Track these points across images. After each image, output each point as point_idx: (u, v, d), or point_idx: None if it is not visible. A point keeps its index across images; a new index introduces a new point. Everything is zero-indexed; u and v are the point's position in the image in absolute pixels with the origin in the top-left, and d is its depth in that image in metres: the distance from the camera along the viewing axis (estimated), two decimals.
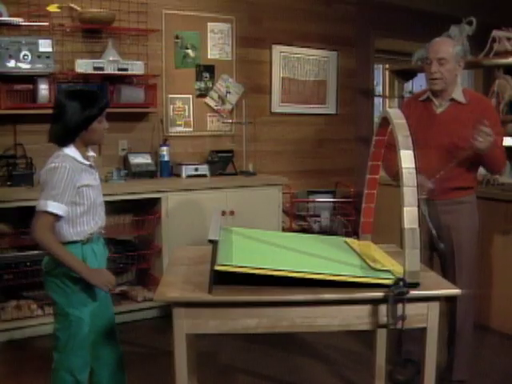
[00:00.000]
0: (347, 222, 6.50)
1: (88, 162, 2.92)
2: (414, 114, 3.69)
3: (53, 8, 4.91)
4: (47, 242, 2.72)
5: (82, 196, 2.82)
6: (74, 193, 2.78)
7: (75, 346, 2.91)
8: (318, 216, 6.48)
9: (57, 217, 2.75)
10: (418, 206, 2.38)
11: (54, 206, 2.71)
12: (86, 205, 2.85)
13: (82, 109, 2.78)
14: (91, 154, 3.02)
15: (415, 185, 2.37)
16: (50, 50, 4.74)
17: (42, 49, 4.70)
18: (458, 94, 3.61)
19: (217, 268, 2.30)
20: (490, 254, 4.75)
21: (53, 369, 2.97)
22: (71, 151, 2.84)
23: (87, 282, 2.81)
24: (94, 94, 2.89)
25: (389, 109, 2.79)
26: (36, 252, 4.73)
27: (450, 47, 3.55)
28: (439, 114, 3.64)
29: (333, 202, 6.64)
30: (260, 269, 2.34)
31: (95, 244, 2.95)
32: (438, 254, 3.76)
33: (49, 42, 4.74)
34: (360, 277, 2.42)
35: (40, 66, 4.71)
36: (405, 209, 2.35)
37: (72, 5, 5.07)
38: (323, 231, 6.26)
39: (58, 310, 2.93)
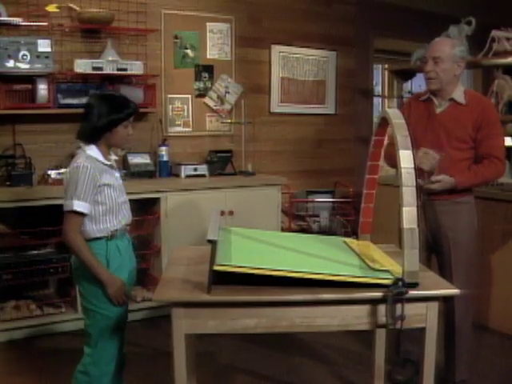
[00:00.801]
0: (346, 222, 6.50)
1: (109, 162, 3.00)
2: (414, 113, 3.70)
3: (52, 8, 4.92)
4: (77, 245, 2.85)
5: (103, 195, 2.92)
6: (95, 191, 2.88)
7: (105, 341, 2.99)
8: (317, 216, 6.49)
9: (82, 215, 2.86)
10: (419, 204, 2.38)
11: (78, 205, 2.82)
12: (107, 204, 2.94)
13: (109, 112, 2.89)
14: (114, 157, 3.13)
15: (414, 185, 2.37)
16: (48, 49, 4.74)
17: (40, 49, 4.70)
18: (458, 95, 3.60)
19: (215, 268, 2.30)
20: (489, 253, 4.75)
21: (82, 363, 3.03)
22: (93, 152, 2.93)
23: None
24: (123, 99, 3.00)
25: (388, 109, 2.79)
26: (36, 252, 4.74)
27: (446, 47, 3.54)
28: (439, 114, 3.64)
29: (332, 202, 6.64)
30: (259, 269, 2.34)
31: (120, 240, 3.03)
32: (436, 254, 3.76)
33: (48, 41, 4.74)
34: (359, 277, 2.42)
35: (39, 65, 4.71)
36: (404, 209, 2.35)
37: (71, 5, 5.07)
38: (322, 231, 6.26)
39: (87, 306, 3.00)
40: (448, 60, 3.53)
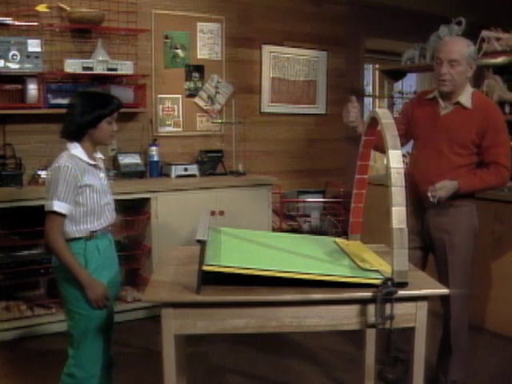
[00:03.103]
0: (337, 222, 6.50)
1: (93, 162, 2.98)
2: (418, 112, 3.66)
3: (42, 8, 4.91)
4: (58, 247, 2.83)
5: (84, 196, 2.90)
6: (75, 192, 2.86)
7: (88, 342, 2.98)
8: (308, 216, 6.49)
9: (63, 216, 2.85)
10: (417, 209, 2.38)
11: (59, 206, 2.81)
12: (88, 206, 2.92)
13: (93, 108, 2.91)
14: (99, 155, 3.11)
15: (403, 185, 2.37)
16: (39, 49, 4.73)
17: (31, 49, 4.69)
18: (464, 98, 3.50)
19: (204, 268, 2.30)
20: (480, 253, 4.75)
21: (67, 366, 3.01)
22: (77, 151, 2.93)
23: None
24: (106, 95, 3.05)
25: (377, 109, 2.79)
26: (26, 253, 4.73)
27: (463, 48, 3.42)
28: (442, 117, 3.56)
29: (323, 201, 6.64)
30: (247, 269, 2.34)
31: (100, 240, 3.01)
32: (433, 255, 3.76)
33: (38, 41, 4.73)
34: (349, 277, 2.43)
35: (29, 65, 4.70)
36: (393, 209, 2.36)
37: (61, 5, 5.06)
38: (313, 231, 6.26)
39: (69, 306, 2.98)
40: (464, 62, 3.42)
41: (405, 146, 3.75)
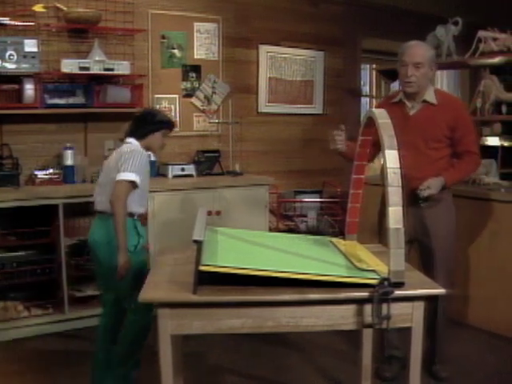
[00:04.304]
0: (334, 222, 6.50)
1: None
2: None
3: (39, 8, 4.91)
4: (120, 212, 3.30)
5: (143, 180, 3.45)
6: (142, 173, 3.42)
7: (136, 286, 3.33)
8: (305, 216, 6.49)
9: (134, 188, 3.38)
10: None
11: (136, 177, 3.36)
12: (143, 189, 3.52)
13: (160, 119, 3.70)
14: None
15: (400, 185, 2.37)
16: (35, 49, 4.72)
17: (27, 49, 4.69)
18: (429, 96, 3.67)
19: (200, 268, 2.29)
20: (476, 253, 4.76)
21: (128, 310, 3.53)
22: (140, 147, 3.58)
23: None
24: (167, 116, 3.88)
25: (374, 109, 2.79)
26: (23, 253, 4.72)
27: (425, 52, 3.64)
28: (412, 116, 3.69)
29: (319, 201, 6.65)
30: (244, 269, 2.34)
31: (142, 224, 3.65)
32: (419, 248, 3.82)
33: (34, 41, 4.73)
34: (345, 277, 2.42)
35: (26, 65, 4.70)
36: (390, 209, 2.36)
37: (58, 5, 5.06)
38: (310, 231, 6.26)
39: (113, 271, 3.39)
40: (426, 65, 3.62)
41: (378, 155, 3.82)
